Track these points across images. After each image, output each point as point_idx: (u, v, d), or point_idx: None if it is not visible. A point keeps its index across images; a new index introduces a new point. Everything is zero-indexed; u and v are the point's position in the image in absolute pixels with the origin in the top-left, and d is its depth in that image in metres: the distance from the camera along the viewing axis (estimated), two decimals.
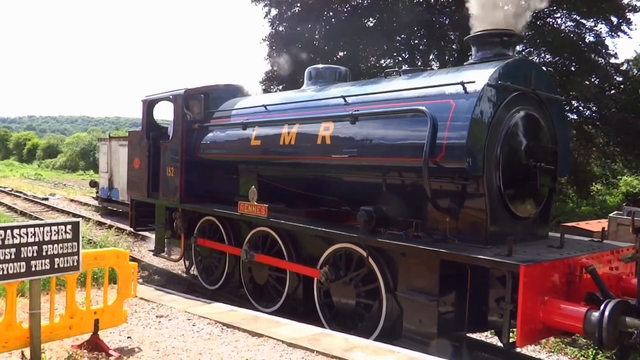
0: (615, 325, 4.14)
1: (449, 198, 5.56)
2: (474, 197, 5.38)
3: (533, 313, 4.47)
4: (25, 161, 68.90)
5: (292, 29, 19.79)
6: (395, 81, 6.40)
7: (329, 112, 6.62)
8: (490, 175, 5.32)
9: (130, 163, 10.40)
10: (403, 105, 5.73)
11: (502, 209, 5.47)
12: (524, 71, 5.70)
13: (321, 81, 7.91)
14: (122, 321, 5.41)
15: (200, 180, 8.96)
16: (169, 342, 5.44)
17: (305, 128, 6.83)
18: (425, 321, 5.22)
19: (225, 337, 5.67)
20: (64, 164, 58.53)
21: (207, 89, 9.24)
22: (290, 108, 7.42)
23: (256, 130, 7.65)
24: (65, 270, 4.71)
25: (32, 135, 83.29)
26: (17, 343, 4.55)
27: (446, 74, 5.87)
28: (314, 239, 6.77)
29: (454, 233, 5.48)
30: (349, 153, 6.10)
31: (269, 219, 7.07)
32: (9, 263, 4.34)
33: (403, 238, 5.52)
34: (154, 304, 6.93)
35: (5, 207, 20.75)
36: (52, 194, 26.42)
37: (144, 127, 9.99)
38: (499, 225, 5.39)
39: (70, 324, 4.92)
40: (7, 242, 4.32)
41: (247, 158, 7.89)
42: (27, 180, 41.17)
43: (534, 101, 5.82)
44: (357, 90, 6.67)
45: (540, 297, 4.52)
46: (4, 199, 23.86)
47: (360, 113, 6.12)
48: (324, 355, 5.02)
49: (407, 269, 5.51)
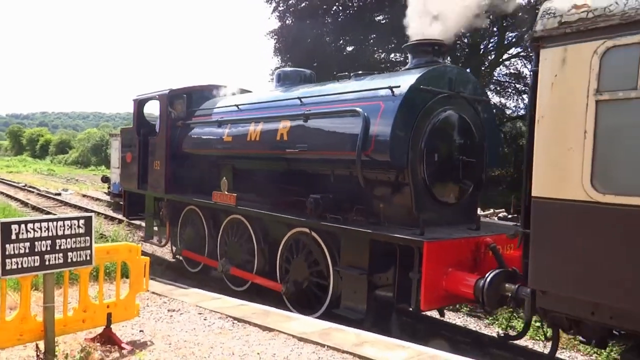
0: (496, 290, 5.01)
1: (382, 187, 6.45)
2: (401, 186, 6.27)
3: (436, 282, 5.36)
4: (38, 157, 69.51)
5: (301, 23, 19.57)
6: (344, 84, 7.28)
7: (288, 111, 7.53)
8: (415, 167, 6.18)
9: (123, 157, 11.42)
10: (345, 106, 6.62)
11: (428, 196, 6.33)
12: (449, 76, 6.54)
13: (288, 83, 8.78)
14: (134, 315, 5.45)
15: (184, 172, 9.90)
16: (181, 336, 5.50)
17: (268, 125, 7.75)
18: (358, 292, 6.11)
19: (237, 331, 5.73)
20: (76, 160, 58.94)
21: (190, 89, 10.19)
22: (257, 107, 8.35)
23: (229, 127, 8.60)
24: (78, 265, 4.75)
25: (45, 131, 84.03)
26: (31, 336, 4.60)
27: (382, 78, 6.75)
28: (277, 225, 7.69)
29: (387, 217, 6.36)
30: (300, 148, 7.00)
31: (237, 207, 8.01)
32: (23, 257, 4.39)
33: (341, 221, 6.41)
34: (165, 298, 7.04)
35: (19, 203, 21.05)
36: (64, 189, 26.89)
37: (134, 124, 11.00)
38: (425, 211, 6.22)
39: (83, 317, 4.97)
40: (22, 236, 4.38)
41: (221, 152, 8.84)
42: (40, 175, 41.65)
43: (461, 102, 6.65)
44: (312, 92, 7.57)
45: (443, 269, 5.41)
46: (17, 194, 24.35)
47: (311, 112, 7.03)
48: (334, 350, 5.07)
49: (346, 248, 6.39)
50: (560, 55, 4.13)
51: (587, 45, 3.96)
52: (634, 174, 3.73)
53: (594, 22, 3.93)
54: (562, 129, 4.09)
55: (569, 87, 4.05)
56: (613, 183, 3.82)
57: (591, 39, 3.94)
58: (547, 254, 4.23)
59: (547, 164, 4.20)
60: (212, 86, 10.33)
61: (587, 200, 3.91)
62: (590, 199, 3.90)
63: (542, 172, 4.23)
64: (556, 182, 4.13)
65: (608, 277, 3.85)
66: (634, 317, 3.77)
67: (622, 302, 3.81)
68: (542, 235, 4.27)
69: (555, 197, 4.13)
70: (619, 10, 3.80)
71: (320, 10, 19.36)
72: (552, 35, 4.19)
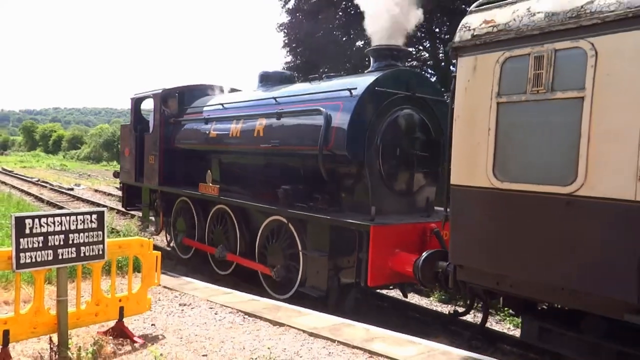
0: (430, 267, 5.72)
1: (343, 178, 7.18)
2: (359, 178, 6.99)
3: (382, 261, 6.09)
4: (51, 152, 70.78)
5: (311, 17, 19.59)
6: (314, 85, 8.01)
7: (264, 110, 8.28)
8: (372, 160, 6.89)
9: (122, 152, 12.24)
10: (311, 105, 7.35)
11: (384, 187, 7.04)
12: (406, 78, 7.23)
13: (269, 83, 9.50)
14: (146, 309, 5.51)
15: (177, 166, 10.69)
16: (192, 330, 5.58)
17: (248, 123, 8.50)
18: (320, 273, 6.85)
19: (247, 326, 5.80)
20: (88, 155, 59.83)
21: (183, 88, 10.98)
22: (239, 106, 9.10)
23: (214, 124, 9.36)
24: (91, 259, 4.82)
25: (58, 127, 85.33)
26: (45, 329, 4.66)
27: (344, 80, 7.47)
28: (256, 213, 8.44)
29: (349, 206, 7.09)
30: (273, 143, 7.75)
31: (219, 197, 8.78)
32: (37, 251, 4.44)
33: (306, 209, 7.14)
34: (176, 293, 7.14)
35: (32, 197, 21.37)
36: (77, 184, 27.21)
37: (132, 121, 11.84)
38: (382, 200, 6.95)
39: (96, 311, 5.03)
40: (35, 230, 4.43)
41: (208, 147, 9.63)
42: (53, 170, 42.36)
43: (418, 102, 7.34)
44: (287, 92, 8.31)
45: (389, 250, 6.14)
46: (31, 189, 24.79)
47: (283, 111, 7.78)
48: (345, 345, 5.14)
49: (312, 233, 7.12)
50: (472, 64, 4.83)
51: (492, 55, 4.65)
52: (523, 165, 4.43)
53: (497, 36, 4.62)
54: (473, 126, 4.78)
55: (478, 91, 4.74)
56: (509, 172, 4.51)
57: (495, 50, 4.63)
58: (462, 233, 4.94)
59: (461, 156, 4.91)
60: (203, 85, 11.10)
61: (490, 187, 4.61)
62: (493, 186, 4.60)
63: (458, 163, 4.94)
64: (468, 172, 4.83)
65: (506, 251, 4.55)
66: (527, 285, 4.47)
67: (517, 272, 4.51)
68: (458, 217, 4.99)
69: (467, 185, 4.84)
70: (515, 26, 4.49)
71: (330, 4, 19.25)
72: (466, 46, 4.88)
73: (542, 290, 4.37)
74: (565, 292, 4.20)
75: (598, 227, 3.93)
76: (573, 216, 4.06)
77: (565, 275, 4.15)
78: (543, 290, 4.36)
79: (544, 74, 4.24)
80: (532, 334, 4.70)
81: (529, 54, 4.37)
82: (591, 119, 3.93)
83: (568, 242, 4.11)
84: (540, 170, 4.31)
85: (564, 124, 4.12)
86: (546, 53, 4.24)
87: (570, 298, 4.18)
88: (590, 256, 3.97)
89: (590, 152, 3.94)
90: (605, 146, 3.86)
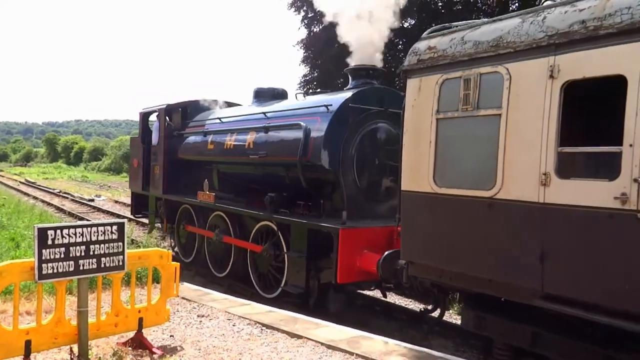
0: (390, 264, 6.37)
1: (321, 186, 7.89)
2: (335, 186, 7.69)
3: (351, 261, 6.76)
4: (73, 164, 71.85)
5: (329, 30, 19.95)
6: (300, 101, 8.75)
7: (255, 124, 9.06)
8: (347, 170, 7.59)
9: (131, 163, 13.13)
10: (294, 120, 8.09)
11: (359, 194, 7.73)
12: (380, 95, 7.93)
13: (262, 99, 10.27)
14: (165, 320, 5.53)
15: (180, 176, 11.51)
16: (210, 342, 5.59)
17: (241, 136, 9.28)
18: (299, 272, 7.54)
19: (265, 337, 5.81)
20: (108, 167, 60.38)
21: (186, 103, 11.85)
22: (234, 120, 9.90)
23: (212, 137, 10.17)
24: (111, 270, 4.83)
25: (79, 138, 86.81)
26: (66, 339, 4.68)
27: (323, 97, 8.22)
28: (249, 219, 9.19)
29: (328, 211, 7.79)
30: (261, 154, 8.50)
31: (215, 204, 9.55)
32: (59, 262, 4.46)
33: (288, 214, 7.86)
34: (195, 304, 7.19)
35: (54, 208, 21.70)
36: (97, 196, 27.62)
37: (140, 134, 12.72)
38: (356, 206, 7.62)
39: (115, 321, 5.04)
40: (57, 242, 4.46)
41: (207, 158, 10.45)
42: (74, 182, 43.10)
43: (391, 117, 8.01)
44: (275, 108, 9.08)
45: (358, 250, 6.81)
46: (53, 200, 25.20)
47: (270, 125, 8.54)
48: (363, 358, 5.15)
49: (294, 236, 7.82)
50: (418, 84, 5.53)
51: (433, 77, 5.35)
52: (456, 173, 5.11)
53: (437, 60, 5.32)
54: (418, 139, 5.47)
55: (422, 108, 5.43)
56: (445, 179, 5.19)
57: (435, 72, 5.33)
58: (411, 233, 5.62)
59: (409, 165, 5.59)
60: (204, 100, 11.95)
61: (431, 192, 5.29)
62: (433, 191, 5.27)
63: (407, 171, 5.63)
64: (414, 179, 5.51)
65: (444, 248, 5.22)
66: (462, 278, 5.12)
67: (453, 266, 5.16)
68: (407, 219, 5.67)
69: (414, 190, 5.52)
70: (451, 52, 5.19)
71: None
72: (414, 69, 5.59)
73: (473, 281, 5.02)
74: (491, 283, 4.84)
75: (512, 225, 4.59)
76: (493, 216, 4.72)
77: (490, 268, 4.80)
78: (474, 281, 5.01)
79: (471, 94, 4.93)
80: (470, 322, 5.33)
81: (460, 77, 5.06)
82: (506, 133, 4.60)
83: (490, 239, 4.77)
84: (468, 177, 4.98)
85: (486, 138, 4.79)
86: (473, 76, 4.93)
87: (495, 288, 4.82)
88: (507, 251, 4.62)
89: (506, 162, 4.60)
90: (516, 156, 4.53)
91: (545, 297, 4.36)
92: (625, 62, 3.85)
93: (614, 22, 3.94)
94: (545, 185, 4.29)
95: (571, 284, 4.17)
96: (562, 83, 4.23)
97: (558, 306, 4.25)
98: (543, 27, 4.43)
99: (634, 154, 3.76)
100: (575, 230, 4.14)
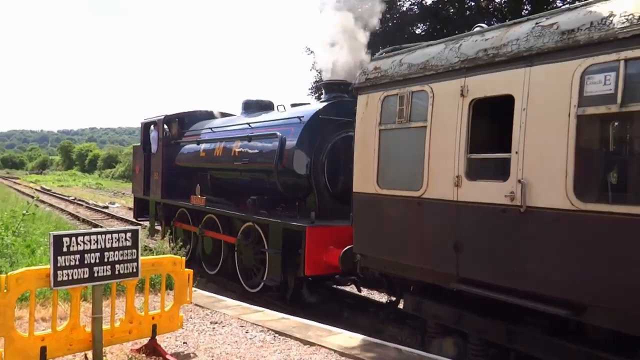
0: (349, 258, 7.18)
1: (296, 190, 8.75)
2: (308, 189, 8.55)
3: (317, 255, 7.60)
4: (87, 171, 73.56)
5: None
6: (280, 113, 9.64)
7: (240, 133, 9.98)
8: (318, 175, 8.46)
9: (134, 170, 14.10)
10: (272, 130, 8.99)
11: (330, 197, 8.58)
12: (350, 107, 8.75)
13: (250, 110, 11.17)
14: (178, 327, 5.54)
15: (177, 181, 12.44)
16: (223, 349, 5.61)
17: (228, 144, 10.20)
18: (275, 267, 8.40)
19: (278, 345, 5.82)
20: (122, 174, 61.22)
21: (183, 114, 12.82)
22: (223, 130, 10.84)
23: (204, 145, 11.10)
24: (125, 277, 4.84)
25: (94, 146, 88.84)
26: (80, 346, 4.69)
27: (298, 109, 9.11)
28: (236, 220, 10.07)
29: (302, 212, 8.65)
30: (244, 161, 9.40)
31: (206, 207, 10.47)
32: (74, 269, 4.48)
33: (266, 215, 8.73)
34: (208, 311, 7.22)
35: (69, 215, 22.15)
36: (111, 203, 28.28)
37: (141, 142, 13.70)
38: (327, 208, 8.47)
39: (129, 328, 5.04)
40: (72, 249, 4.49)
41: (200, 165, 11.38)
42: (89, 189, 44.10)
43: None
44: (259, 119, 9.98)
45: (324, 246, 7.65)
46: (67, 207, 25.81)
47: (253, 135, 9.45)
48: None
49: (272, 235, 8.69)
50: (365, 100, 6.38)
51: (377, 94, 6.20)
52: (393, 176, 5.95)
53: (380, 79, 6.18)
54: (366, 148, 6.32)
55: (369, 121, 6.29)
56: (385, 182, 6.03)
57: (379, 90, 6.18)
58: (361, 229, 6.46)
59: (359, 170, 6.45)
60: (200, 111, 12.92)
61: (375, 193, 6.13)
62: (377, 192, 6.12)
63: (357, 175, 6.48)
64: (363, 182, 6.36)
65: (385, 241, 6.05)
66: (399, 267, 5.94)
67: (395, 257, 5.99)
68: (358, 217, 6.51)
69: (363, 192, 6.37)
70: (391, 73, 6.04)
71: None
72: (363, 87, 6.45)
73: (408, 269, 5.84)
74: (422, 270, 5.66)
75: (434, 220, 5.42)
76: (421, 213, 5.55)
77: (420, 258, 5.63)
78: (410, 270, 5.83)
79: (405, 108, 5.77)
80: (409, 305, 6.15)
81: (397, 94, 5.91)
82: (430, 143, 5.44)
83: (420, 232, 5.60)
84: (403, 180, 5.83)
85: (416, 146, 5.63)
86: (406, 94, 5.78)
87: (425, 275, 5.65)
88: (431, 242, 5.45)
89: (430, 166, 5.44)
90: (437, 162, 5.36)
91: (461, 281, 5.18)
92: (513, 84, 4.68)
93: (506, 51, 4.77)
94: (458, 186, 5.12)
95: (479, 268, 4.99)
96: (470, 100, 5.07)
97: (468, 287, 5.06)
98: (458, 54, 5.27)
99: (518, 160, 4.58)
100: (480, 223, 4.96)
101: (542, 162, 4.41)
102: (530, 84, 4.54)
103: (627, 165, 4.21)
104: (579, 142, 4.15)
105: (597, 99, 4.06)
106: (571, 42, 4.26)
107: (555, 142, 4.29)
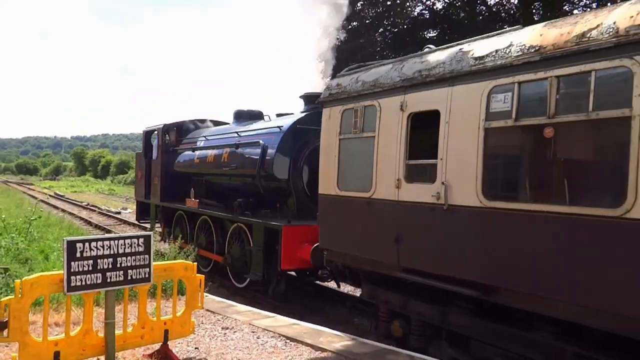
0: (319, 254, 8.01)
1: (277, 193, 9.61)
2: (287, 193, 9.41)
3: (292, 252, 8.45)
4: (100, 177, 74.94)
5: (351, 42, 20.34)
6: (265, 122, 10.54)
7: (229, 141, 10.90)
8: (296, 180, 9.31)
9: (136, 175, 15.06)
10: (256, 138, 9.88)
11: (308, 200, 9.41)
12: None
13: (241, 120, 12.06)
14: (190, 332, 5.55)
15: (175, 186, 13.35)
16: (235, 354, 5.62)
17: (218, 151, 11.11)
18: (258, 263, 9.25)
19: (289, 350, 5.84)
20: (134, 180, 63.26)
21: (180, 123, 13.77)
22: (216, 138, 11.75)
23: (198, 152, 12.02)
24: (137, 282, 4.86)
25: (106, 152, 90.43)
26: (93, 351, 4.70)
27: (280, 119, 9.98)
28: (226, 221, 10.95)
29: (283, 214, 9.50)
30: (231, 167, 10.29)
31: (199, 209, 11.37)
32: (87, 274, 4.51)
33: (250, 216, 9.60)
34: (219, 316, 7.28)
35: (82, 221, 22.67)
36: (124, 208, 28.93)
37: (143, 149, 14.67)
38: (306, 210, 9.30)
39: (141, 333, 5.05)
40: (86, 254, 4.51)
41: (195, 170, 12.30)
42: (102, 195, 45.03)
43: None
44: (246, 128, 10.87)
45: (298, 244, 8.49)
46: (80, 212, 26.47)
47: (239, 142, 10.35)
48: None
49: (255, 234, 9.55)
50: (329, 113, 7.23)
51: (338, 107, 7.04)
52: (349, 180, 6.79)
53: (340, 95, 7.02)
54: (328, 155, 7.16)
55: (330, 131, 7.13)
56: (343, 184, 6.86)
57: (339, 104, 7.02)
58: (325, 226, 7.29)
59: (323, 174, 7.28)
60: (196, 120, 13.87)
61: (335, 195, 6.97)
62: (337, 194, 6.95)
63: (322, 179, 7.31)
64: (326, 185, 7.20)
65: (344, 237, 6.88)
66: (356, 260, 6.76)
67: (352, 251, 6.82)
68: (322, 216, 7.35)
69: (326, 193, 7.21)
70: (349, 89, 6.89)
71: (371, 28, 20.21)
72: (327, 101, 7.30)
73: (364, 262, 6.66)
74: (373, 261, 6.48)
75: (380, 217, 6.24)
76: (371, 212, 6.38)
77: (371, 251, 6.45)
78: (364, 262, 6.65)
79: (359, 120, 6.61)
80: (366, 293, 6.96)
81: (353, 108, 6.75)
82: (378, 150, 6.27)
83: (370, 228, 6.42)
84: (357, 183, 6.65)
85: (367, 153, 6.45)
86: (360, 108, 6.62)
87: (375, 265, 6.47)
88: (379, 236, 6.27)
89: (377, 171, 6.27)
90: (383, 167, 6.19)
91: (402, 270, 5.99)
92: (439, 100, 5.51)
93: (435, 72, 5.61)
94: (398, 187, 5.95)
95: (414, 258, 5.80)
96: (408, 114, 5.90)
97: (407, 275, 5.87)
98: (400, 73, 6.11)
99: (443, 165, 5.40)
100: (414, 219, 5.78)
101: (460, 167, 5.22)
102: (452, 101, 5.37)
103: (519, 169, 5.00)
104: (486, 150, 4.97)
105: (499, 114, 4.87)
106: (481, 67, 5.08)
107: (469, 150, 5.11)
